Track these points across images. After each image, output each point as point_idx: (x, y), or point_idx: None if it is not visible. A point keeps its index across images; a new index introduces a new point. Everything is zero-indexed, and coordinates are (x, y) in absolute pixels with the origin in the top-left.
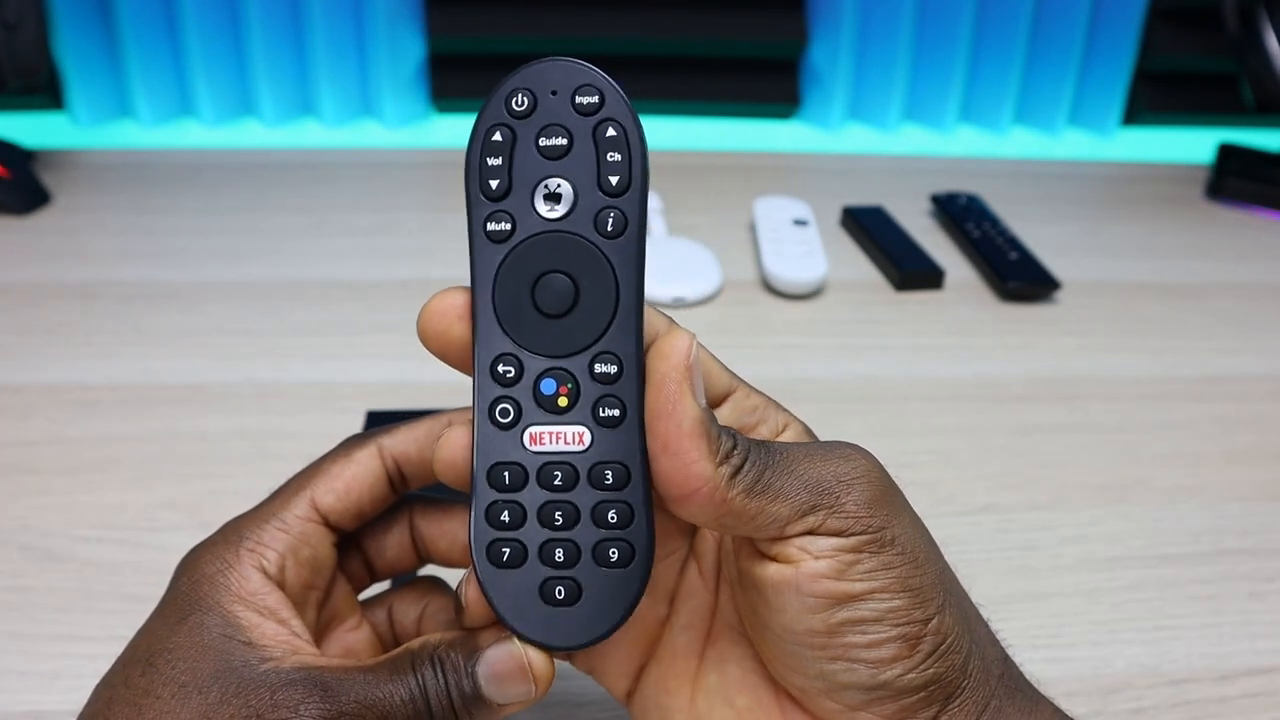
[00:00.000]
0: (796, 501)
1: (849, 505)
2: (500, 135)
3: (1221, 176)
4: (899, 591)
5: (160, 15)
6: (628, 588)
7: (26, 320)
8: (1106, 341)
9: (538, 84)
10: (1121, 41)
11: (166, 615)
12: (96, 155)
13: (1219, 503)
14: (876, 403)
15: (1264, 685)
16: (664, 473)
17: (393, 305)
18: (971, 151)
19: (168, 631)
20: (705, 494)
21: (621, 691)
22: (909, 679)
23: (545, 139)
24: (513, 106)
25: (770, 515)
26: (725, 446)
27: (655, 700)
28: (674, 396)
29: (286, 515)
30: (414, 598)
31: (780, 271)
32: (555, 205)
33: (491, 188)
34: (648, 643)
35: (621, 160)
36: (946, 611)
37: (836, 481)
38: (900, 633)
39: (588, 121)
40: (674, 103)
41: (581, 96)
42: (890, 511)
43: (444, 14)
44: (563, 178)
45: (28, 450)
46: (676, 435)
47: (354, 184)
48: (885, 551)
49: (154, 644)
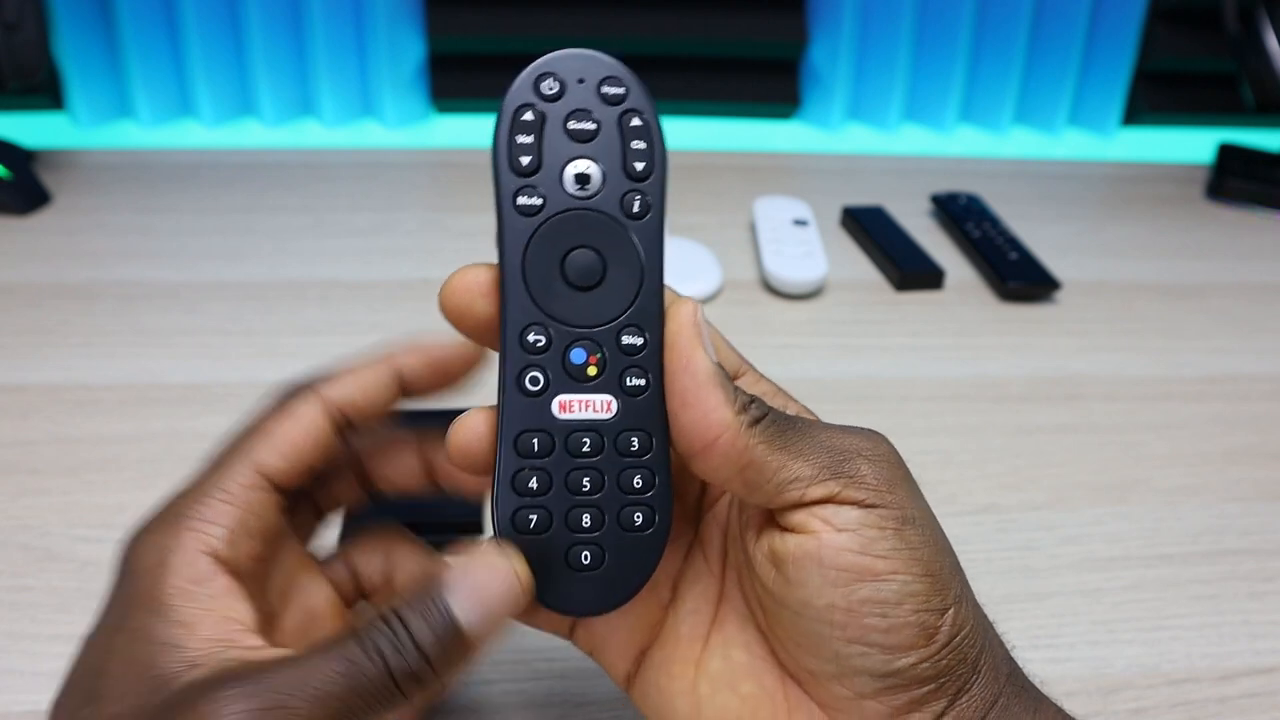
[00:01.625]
0: (817, 462)
1: (870, 478)
2: (531, 115)
3: (1221, 176)
4: (921, 575)
5: (160, 15)
6: (649, 551)
7: (26, 320)
8: (1106, 341)
9: (565, 71)
10: (1121, 41)
11: (107, 621)
12: (96, 155)
13: (1219, 503)
14: (876, 403)
15: (1264, 685)
16: (685, 426)
17: (393, 305)
18: (971, 151)
19: (106, 646)
20: (727, 441)
21: (621, 674)
22: (922, 669)
23: (574, 122)
24: (542, 90)
25: (792, 472)
26: (743, 399)
27: (657, 684)
28: (687, 352)
29: (229, 485)
30: (374, 546)
31: (780, 271)
32: (584, 185)
33: (522, 164)
34: (650, 626)
35: (645, 149)
36: (964, 603)
37: (857, 453)
38: (919, 620)
39: (614, 110)
40: (674, 103)
41: (608, 87)
42: (908, 493)
43: (444, 14)
44: (591, 159)
45: (28, 450)
46: (694, 386)
47: (354, 184)
48: (906, 530)
49: (96, 662)
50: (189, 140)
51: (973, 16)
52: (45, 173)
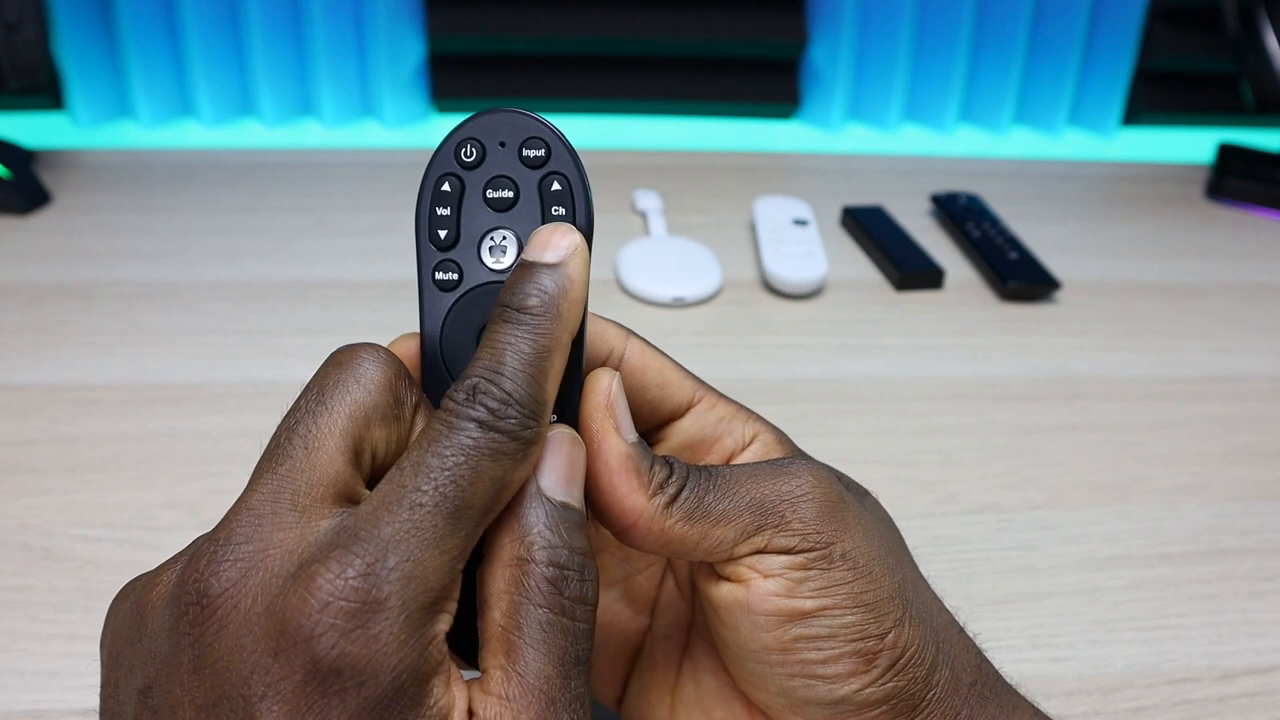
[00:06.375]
0: (740, 524)
1: (794, 523)
2: (449, 185)
3: (1221, 176)
4: (851, 607)
5: (160, 15)
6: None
7: (26, 320)
8: (1106, 341)
9: (487, 134)
10: (1121, 41)
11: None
12: (96, 155)
13: (1219, 503)
14: (876, 403)
15: (1264, 685)
16: (601, 510)
17: (393, 305)
18: (971, 151)
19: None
20: (644, 525)
21: (611, 699)
22: (868, 693)
23: (492, 190)
24: (462, 157)
25: (714, 539)
26: (659, 476)
27: (639, 710)
28: (598, 435)
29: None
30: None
31: (780, 271)
32: (501, 257)
33: (440, 237)
34: (631, 652)
35: (565, 214)
36: (906, 624)
37: (780, 500)
38: (855, 648)
39: (534, 174)
40: (674, 103)
41: (528, 149)
42: (839, 526)
43: (444, 14)
44: (508, 229)
45: (28, 450)
46: (606, 472)
47: (354, 184)
48: (835, 567)
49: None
50: (189, 140)
51: (973, 16)
52: (45, 173)
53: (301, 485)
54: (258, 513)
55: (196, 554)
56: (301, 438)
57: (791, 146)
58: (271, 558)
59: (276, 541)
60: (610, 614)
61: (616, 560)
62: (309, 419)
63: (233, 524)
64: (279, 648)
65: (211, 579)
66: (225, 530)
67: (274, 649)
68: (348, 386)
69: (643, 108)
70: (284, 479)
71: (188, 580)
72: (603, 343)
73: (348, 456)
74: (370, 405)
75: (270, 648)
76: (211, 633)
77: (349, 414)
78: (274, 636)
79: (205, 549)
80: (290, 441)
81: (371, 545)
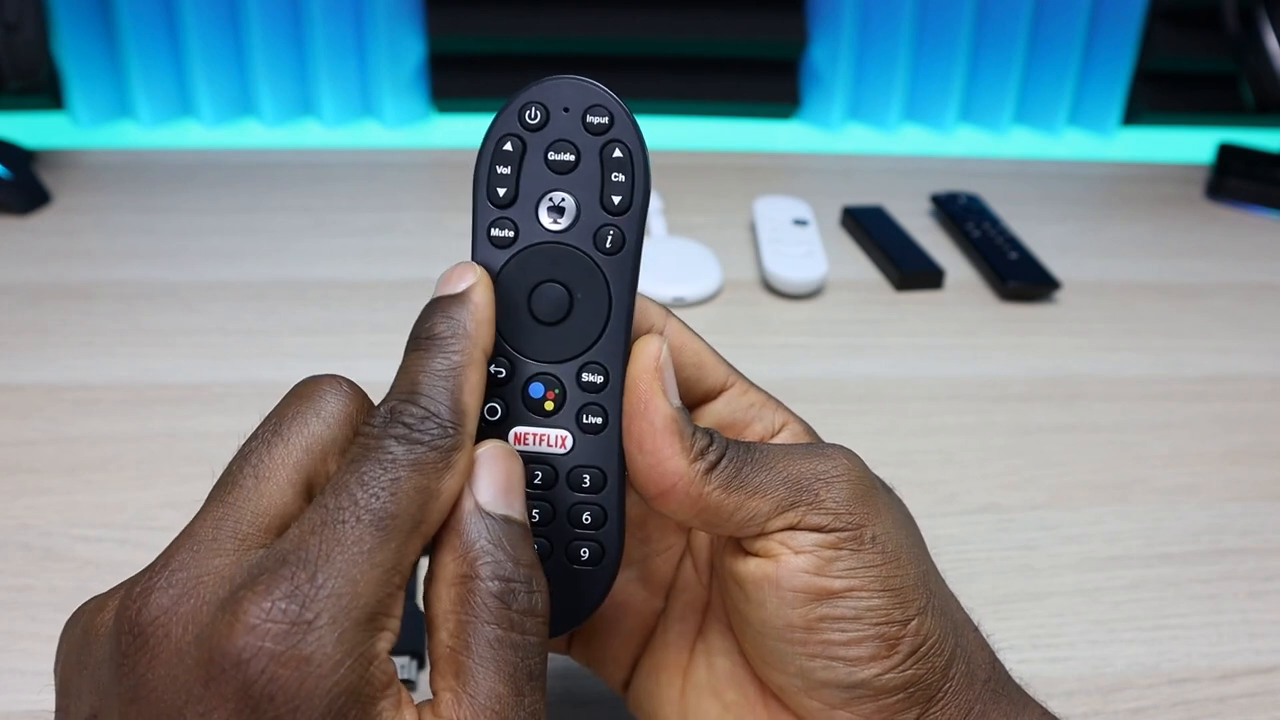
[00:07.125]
0: (775, 497)
1: (829, 502)
2: (511, 145)
3: (1221, 176)
4: (878, 590)
5: (160, 15)
6: (594, 586)
7: (26, 320)
8: (1106, 341)
9: (552, 100)
10: (1121, 41)
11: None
12: (96, 155)
13: (1219, 503)
14: (876, 403)
15: (1264, 685)
16: (641, 470)
17: (393, 305)
18: (971, 151)
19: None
20: (681, 489)
21: (618, 682)
22: (887, 679)
23: (554, 153)
24: (526, 119)
25: (749, 511)
26: (700, 443)
27: (648, 691)
28: (645, 396)
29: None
30: None
31: (780, 271)
32: (558, 218)
33: (499, 195)
34: (643, 634)
35: (625, 181)
36: (929, 614)
37: (816, 479)
38: (878, 632)
39: (596, 141)
40: (674, 103)
41: (593, 116)
42: (871, 510)
43: (444, 14)
44: (567, 192)
45: (28, 450)
46: (650, 433)
47: (354, 184)
48: (865, 549)
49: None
50: (189, 140)
51: (973, 16)
52: (45, 173)
53: (246, 514)
54: (199, 539)
55: (134, 581)
56: (253, 467)
57: (791, 146)
58: (205, 584)
59: (212, 569)
60: (625, 595)
61: (635, 542)
62: (263, 449)
63: (173, 551)
64: (210, 676)
65: (144, 608)
66: (164, 557)
67: (205, 678)
68: (306, 419)
69: (643, 107)
70: (230, 507)
71: (124, 609)
72: (644, 320)
73: (298, 489)
74: (328, 439)
75: (202, 676)
76: (144, 663)
77: (304, 446)
78: (205, 665)
79: (143, 576)
80: (241, 470)
81: (298, 566)
